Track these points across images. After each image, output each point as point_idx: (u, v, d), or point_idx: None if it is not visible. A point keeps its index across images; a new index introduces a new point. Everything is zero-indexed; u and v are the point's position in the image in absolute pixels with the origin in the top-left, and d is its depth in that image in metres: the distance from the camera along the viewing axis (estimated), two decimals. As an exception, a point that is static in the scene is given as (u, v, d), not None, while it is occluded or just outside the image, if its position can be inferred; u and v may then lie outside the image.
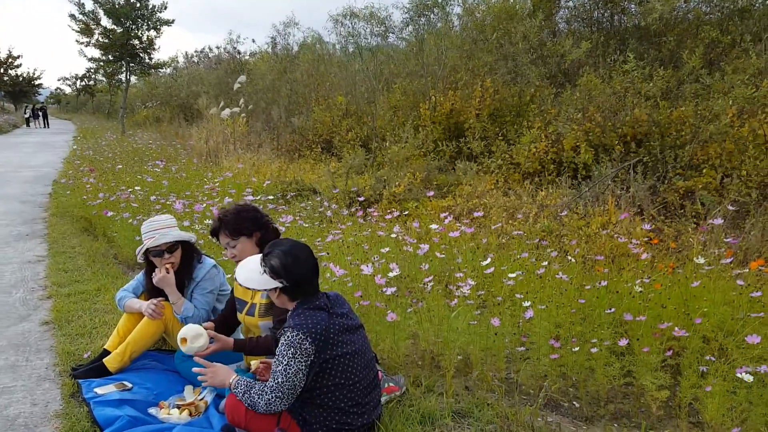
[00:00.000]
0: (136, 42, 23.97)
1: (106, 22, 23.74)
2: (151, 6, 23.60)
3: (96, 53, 25.84)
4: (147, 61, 24.86)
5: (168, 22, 24.37)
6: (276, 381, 2.60)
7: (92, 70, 52.30)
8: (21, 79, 60.25)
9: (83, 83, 60.14)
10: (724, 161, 7.35)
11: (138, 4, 23.36)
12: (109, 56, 24.51)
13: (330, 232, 5.25)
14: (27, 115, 43.04)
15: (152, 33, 24.19)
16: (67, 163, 14.97)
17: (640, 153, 8.30)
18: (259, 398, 2.64)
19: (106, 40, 23.67)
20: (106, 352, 3.65)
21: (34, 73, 61.61)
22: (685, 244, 5.30)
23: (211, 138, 14.03)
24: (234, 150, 12.95)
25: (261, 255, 2.81)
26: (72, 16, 23.96)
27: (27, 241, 7.18)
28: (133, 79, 27.15)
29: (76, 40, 25.18)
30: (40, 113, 42.02)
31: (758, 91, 7.39)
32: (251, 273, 2.78)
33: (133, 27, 23.61)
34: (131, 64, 24.47)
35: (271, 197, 6.88)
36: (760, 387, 2.78)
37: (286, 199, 7.37)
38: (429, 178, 9.05)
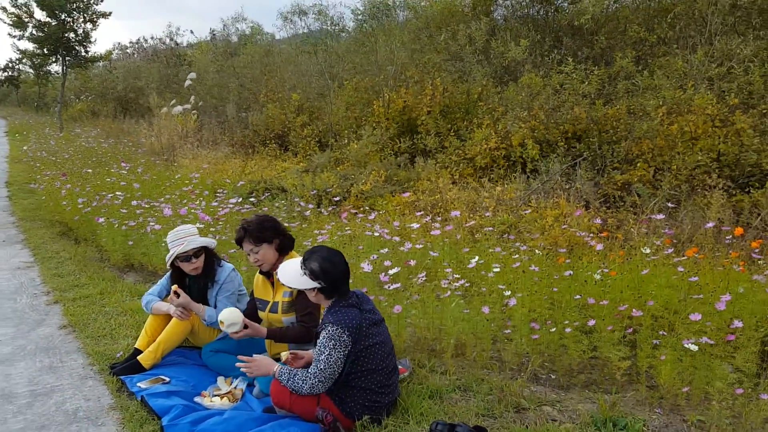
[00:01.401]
0: (72, 35, 23.39)
1: (40, 14, 23.07)
2: (87, -2, 23.08)
3: (29, 46, 24.93)
4: (83, 54, 24.26)
5: (105, 15, 23.89)
6: (318, 368, 3.11)
7: (16, 61, 50.09)
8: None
9: (6, 74, 57.42)
10: (656, 156, 8.21)
11: (73, -4, 22.80)
12: (44, 49, 23.80)
13: (319, 232, 5.75)
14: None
15: (88, 26, 23.66)
16: (15, 163, 14.75)
17: (580, 148, 9.12)
18: (303, 383, 3.14)
19: (41, 34, 23.00)
20: (138, 351, 4.06)
21: (-51, 63, 58.31)
22: (628, 234, 6.06)
23: (163, 135, 14.12)
24: (191, 148, 13.13)
25: (301, 258, 3.30)
26: (3, 8, 23.18)
27: (7, 248, 7.34)
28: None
29: (9, 34, 24.34)
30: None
31: (684, 93, 8.28)
32: (293, 274, 3.27)
33: (69, 20, 23.03)
34: (67, 58, 23.85)
35: (252, 199, 7.28)
36: (702, 354, 3.48)
37: (260, 200, 7.78)
38: (389, 175, 9.62)
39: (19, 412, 3.50)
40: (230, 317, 3.60)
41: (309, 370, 3.16)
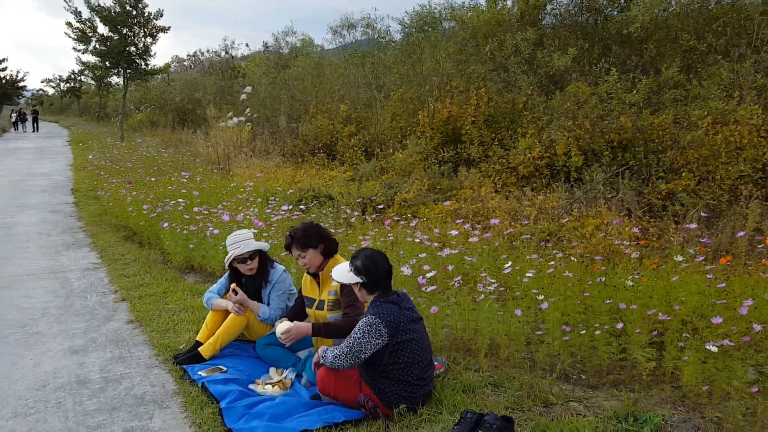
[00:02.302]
0: (133, 49, 24.59)
1: (103, 29, 24.36)
2: (147, 14, 24.25)
3: (92, 59, 26.39)
4: (143, 67, 25.46)
5: (164, 29, 25.02)
6: (348, 343, 3.46)
7: (78, 72, 52.63)
8: (5, 81, 59.84)
9: (68, 85, 60.27)
10: (701, 165, 8.25)
11: (134, 12, 23.99)
12: (107, 62, 25.10)
13: (363, 238, 6.09)
14: (14, 119, 43.79)
15: (148, 40, 24.81)
16: (79, 171, 15.64)
17: (626, 157, 9.20)
18: (329, 353, 3.52)
19: (104, 48, 24.25)
20: (198, 343, 4.47)
21: (17, 75, 61.23)
22: (667, 243, 6.19)
23: (219, 146, 14.78)
24: (245, 157, 13.72)
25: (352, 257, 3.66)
26: (69, 24, 24.54)
27: (76, 250, 7.93)
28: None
29: (73, 48, 25.82)
30: (30, 117, 42.56)
31: (728, 104, 8.31)
32: (342, 270, 3.68)
33: (130, 34, 24.22)
34: (128, 71, 25.08)
35: (302, 207, 7.69)
36: (723, 356, 3.65)
37: (309, 207, 8.18)
38: (432, 184, 9.91)
39: (93, 396, 3.93)
40: (281, 327, 4.00)
41: (339, 346, 3.50)
